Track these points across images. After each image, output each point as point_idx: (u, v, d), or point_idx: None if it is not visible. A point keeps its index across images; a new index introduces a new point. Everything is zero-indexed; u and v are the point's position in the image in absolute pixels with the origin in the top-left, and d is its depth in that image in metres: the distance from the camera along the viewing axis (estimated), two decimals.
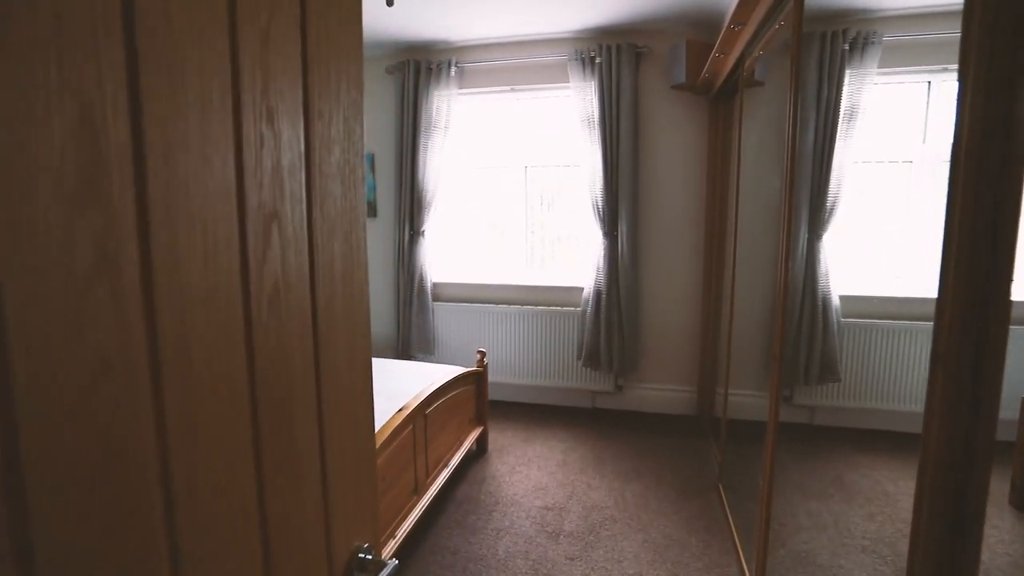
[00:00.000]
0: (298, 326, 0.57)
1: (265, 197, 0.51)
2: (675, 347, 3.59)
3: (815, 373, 3.01)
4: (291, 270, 0.55)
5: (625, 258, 3.42)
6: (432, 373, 2.75)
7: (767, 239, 3.11)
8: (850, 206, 3.19)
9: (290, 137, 0.54)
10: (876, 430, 3.05)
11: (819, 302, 2.99)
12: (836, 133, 2.92)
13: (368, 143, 3.95)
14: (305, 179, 0.57)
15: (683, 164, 3.46)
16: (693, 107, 3.40)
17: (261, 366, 0.51)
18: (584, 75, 3.40)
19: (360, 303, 0.68)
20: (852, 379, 3.07)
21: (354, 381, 0.68)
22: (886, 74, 2.96)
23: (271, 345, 0.53)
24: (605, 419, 3.57)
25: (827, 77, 2.88)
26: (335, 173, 0.62)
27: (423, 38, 3.53)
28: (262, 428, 0.52)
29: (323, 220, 0.60)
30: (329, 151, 0.61)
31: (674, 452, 3.06)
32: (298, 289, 0.56)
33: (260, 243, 0.51)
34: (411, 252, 3.79)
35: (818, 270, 2.99)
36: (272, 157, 0.52)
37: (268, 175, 0.51)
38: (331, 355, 0.62)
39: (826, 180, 2.94)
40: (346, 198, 0.64)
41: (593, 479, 2.78)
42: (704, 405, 3.48)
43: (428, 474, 2.32)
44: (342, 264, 0.64)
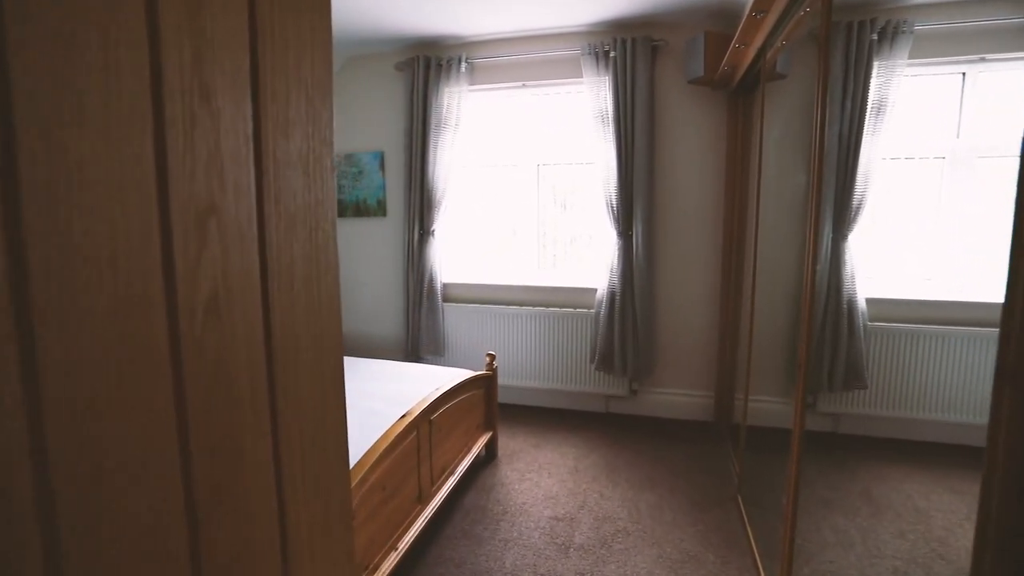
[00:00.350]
0: (245, 340, 0.48)
1: (199, 188, 0.43)
2: (691, 350, 3.47)
3: (840, 379, 2.87)
4: (235, 273, 0.47)
5: (640, 258, 3.31)
6: (439, 376, 2.67)
7: (789, 239, 2.98)
8: (877, 204, 3.04)
9: (233, 118, 0.46)
10: (905, 440, 2.91)
11: (844, 305, 2.85)
12: (863, 128, 2.78)
13: (377, 141, 3.89)
14: (254, 168, 0.49)
15: (700, 161, 3.34)
16: (711, 102, 3.28)
17: (194, 389, 0.43)
18: (598, 70, 3.30)
19: (329, 312, 0.60)
20: (879, 386, 2.92)
21: (320, 403, 0.60)
22: (917, 65, 2.81)
23: (208, 362, 0.45)
24: (618, 424, 3.46)
25: (853, 69, 2.75)
26: (295, 162, 0.54)
27: (432, 33, 3.46)
28: (196, 467, 0.43)
29: (279, 215, 0.52)
30: (287, 136, 0.52)
31: (690, 460, 2.95)
32: (245, 296, 0.48)
33: (192, 242, 0.43)
34: (421, 252, 3.73)
35: (843, 271, 2.85)
36: (208, 141, 0.44)
37: (203, 162, 0.43)
38: (290, 373, 0.54)
39: (852, 177, 2.81)
40: (310, 191, 0.56)
41: (605, 488, 2.68)
42: (721, 411, 3.35)
43: (433, 482, 2.24)
44: (305, 267, 0.56)
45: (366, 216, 3.99)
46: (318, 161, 0.57)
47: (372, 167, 3.91)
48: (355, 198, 3.99)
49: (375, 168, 3.91)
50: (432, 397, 2.27)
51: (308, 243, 0.56)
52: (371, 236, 4.02)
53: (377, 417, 2.13)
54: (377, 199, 3.94)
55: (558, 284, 3.69)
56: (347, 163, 3.97)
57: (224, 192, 0.45)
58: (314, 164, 0.56)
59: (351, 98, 3.93)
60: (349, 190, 4.00)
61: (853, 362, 2.85)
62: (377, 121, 3.88)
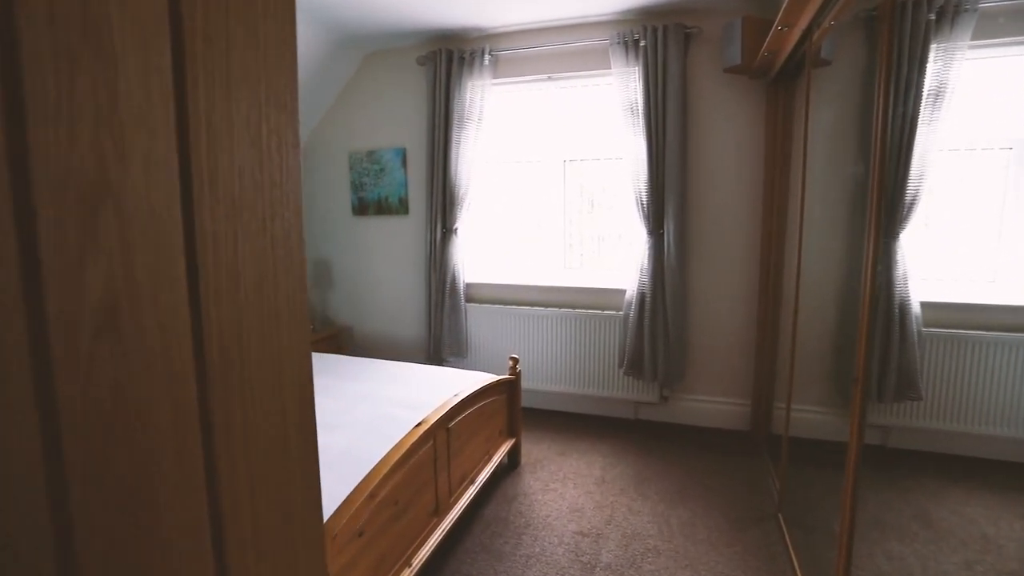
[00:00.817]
0: (164, 366, 0.37)
1: (82, 160, 0.31)
2: (726, 355, 3.28)
3: (891, 389, 2.65)
4: (145, 276, 0.35)
5: (672, 258, 3.14)
6: (460, 381, 2.56)
7: (836, 236, 2.78)
8: (933, 200, 2.81)
9: (143, 65, 0.34)
10: (964, 457, 2.67)
11: (895, 309, 2.63)
12: (918, 117, 2.55)
13: (399, 137, 3.81)
14: (177, 136, 0.37)
15: (737, 155, 3.15)
16: (749, 92, 3.09)
17: (77, 437, 0.32)
18: (627, 60, 3.14)
19: (292, 325, 0.48)
20: (935, 397, 2.69)
21: (280, 446, 0.47)
22: (981, 47, 2.57)
23: (100, 399, 0.33)
24: (648, 432, 3.30)
25: (908, 53, 2.52)
26: (240, 130, 0.42)
27: (455, 25, 3.35)
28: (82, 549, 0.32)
29: (216, 200, 0.40)
30: (228, 96, 0.40)
31: (725, 473, 2.77)
32: (162, 307, 0.36)
33: (72, 233, 0.31)
34: (443, 251, 3.63)
35: (895, 273, 2.63)
36: (98, 94, 0.32)
37: (88, 123, 0.31)
38: (235, 408, 0.42)
39: (905, 171, 2.58)
40: (263, 169, 0.44)
41: (635, 501, 2.52)
42: (759, 420, 3.15)
43: (451, 493, 2.12)
44: (257, 267, 0.44)
45: (388, 214, 3.91)
46: (275, 132, 0.45)
47: (394, 164, 3.83)
48: (377, 196, 3.91)
49: (397, 165, 3.83)
50: (451, 403, 2.15)
51: (261, 236, 0.44)
52: (393, 235, 3.94)
53: (394, 423, 2.03)
54: (399, 197, 3.85)
55: (585, 285, 3.54)
56: (369, 160, 3.90)
57: (125, 166, 0.34)
58: (269, 136, 0.44)
59: (372, 94, 3.85)
60: (371, 188, 3.92)
61: (906, 371, 2.63)
62: (399, 117, 3.80)
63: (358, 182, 3.96)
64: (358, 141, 3.94)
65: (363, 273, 4.08)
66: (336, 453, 1.81)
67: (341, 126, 3.98)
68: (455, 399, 2.20)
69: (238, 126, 0.41)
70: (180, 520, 0.38)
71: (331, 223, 4.12)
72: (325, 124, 4.04)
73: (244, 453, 0.43)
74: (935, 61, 2.49)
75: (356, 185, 3.96)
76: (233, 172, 0.41)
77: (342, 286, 4.16)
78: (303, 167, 4.12)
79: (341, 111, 3.97)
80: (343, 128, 3.98)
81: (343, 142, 3.99)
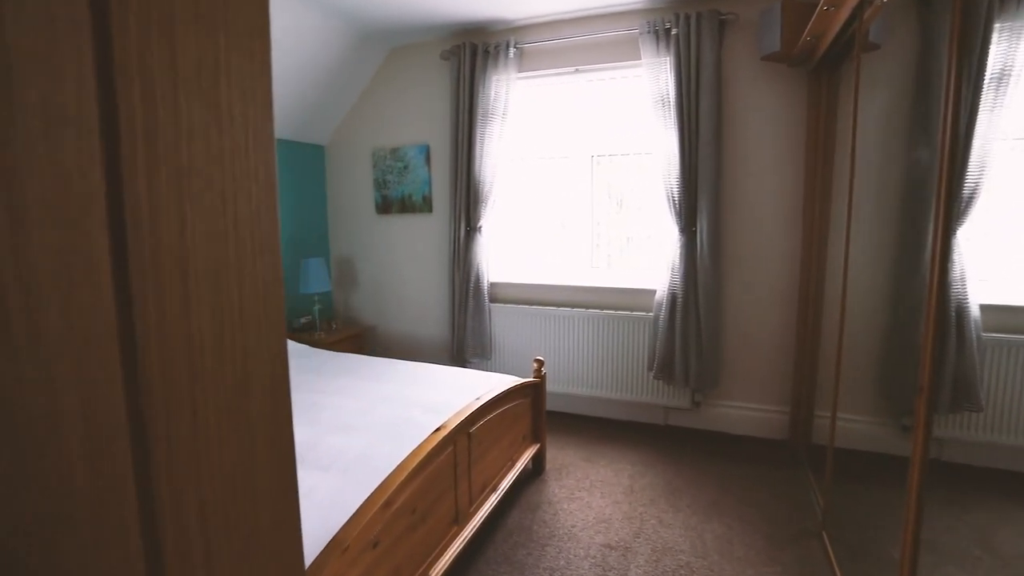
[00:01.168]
0: (72, 377, 0.28)
1: None
2: (763, 360, 3.11)
3: (946, 399, 2.45)
4: (46, 262, 0.27)
5: (705, 257, 2.99)
6: (482, 383, 2.47)
7: (886, 233, 2.60)
8: (996, 193, 2.60)
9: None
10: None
11: (952, 312, 2.43)
12: (979, 104, 2.36)
13: (423, 134, 3.75)
14: (98, 81, 0.28)
15: (775, 148, 2.99)
16: (788, 81, 2.92)
17: None
18: (658, 50, 3.01)
19: (266, 329, 0.39)
20: (997, 408, 2.48)
21: (248, 492, 0.38)
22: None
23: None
24: (679, 439, 3.15)
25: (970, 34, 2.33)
26: (191, 82, 0.33)
27: (479, 18, 3.27)
28: None
29: (153, 166, 0.31)
30: (172, 38, 0.32)
31: (762, 485, 2.61)
32: (75, 301, 0.28)
33: None
34: (467, 249, 3.55)
35: (951, 273, 2.43)
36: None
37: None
38: (184, 437, 0.33)
39: (964, 162, 2.39)
40: (224, 133, 0.35)
41: (665, 513, 2.39)
42: (798, 429, 2.98)
43: (472, 501, 2.03)
44: (212, 251, 0.35)
45: (411, 212, 3.86)
46: (240, 87, 0.36)
47: (418, 161, 3.77)
48: (400, 194, 3.86)
49: (421, 162, 3.77)
50: (472, 407, 2.07)
51: (219, 215, 0.35)
52: (416, 233, 3.88)
53: (413, 426, 1.95)
54: (423, 194, 3.79)
55: (613, 285, 3.41)
56: (392, 157, 3.85)
57: (12, 113, 0.25)
58: (231, 90, 0.36)
59: (396, 90, 3.80)
60: (395, 185, 3.87)
61: (964, 379, 2.43)
62: (422, 113, 3.74)
63: (381, 180, 3.91)
64: (382, 138, 3.89)
65: (387, 272, 4.03)
66: (352, 457, 1.74)
67: (365, 123, 3.95)
68: (477, 403, 2.11)
69: (185, 74, 0.33)
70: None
71: (355, 222, 4.09)
72: (348, 122, 4.01)
73: (199, 508, 0.34)
74: (999, 42, 2.30)
75: (379, 183, 3.92)
76: (179, 132, 0.32)
77: (366, 285, 4.12)
78: (327, 166, 4.11)
79: (365, 108, 3.93)
80: (367, 125, 3.94)
81: (367, 140, 3.95)
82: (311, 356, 2.96)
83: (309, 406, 2.21)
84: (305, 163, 3.98)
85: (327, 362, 2.84)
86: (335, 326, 3.88)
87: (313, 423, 2.02)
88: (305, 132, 3.88)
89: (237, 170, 0.36)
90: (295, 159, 3.89)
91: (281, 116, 3.57)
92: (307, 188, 4.01)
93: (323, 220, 4.17)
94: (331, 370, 2.70)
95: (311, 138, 3.98)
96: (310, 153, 4.03)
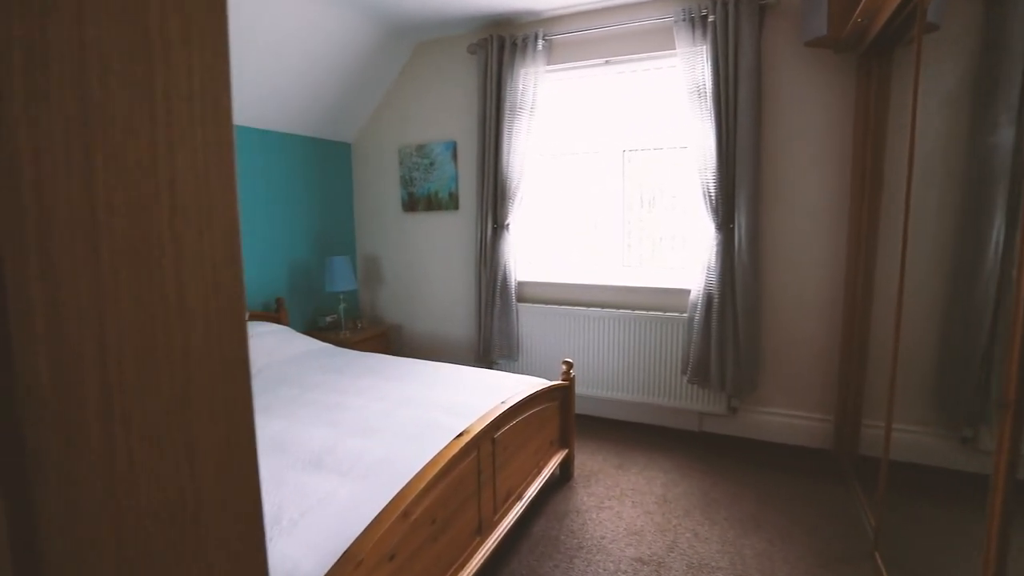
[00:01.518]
0: None
1: None
2: (805, 364, 2.94)
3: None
4: None
5: (743, 255, 2.84)
6: (508, 385, 2.38)
7: (942, 231, 2.41)
8: None
9: None
10: None
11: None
12: None
13: (449, 130, 3.68)
14: None
15: (819, 139, 2.81)
16: (834, 68, 2.74)
17: None
18: (694, 38, 2.86)
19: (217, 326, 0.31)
20: None
21: (198, 549, 0.30)
22: None
23: None
24: (715, 447, 3.00)
25: None
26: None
27: (507, 9, 3.18)
28: None
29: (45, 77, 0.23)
30: None
31: (806, 498, 2.45)
32: None
33: None
34: (494, 248, 3.46)
35: None
36: None
37: None
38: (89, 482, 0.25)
39: None
40: (154, 52, 0.27)
41: (701, 526, 2.26)
42: (843, 439, 2.79)
43: (496, 510, 1.94)
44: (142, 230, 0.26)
45: (438, 210, 3.80)
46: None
47: (444, 158, 3.71)
48: (427, 191, 3.80)
49: (447, 159, 3.70)
50: (497, 411, 1.98)
51: (147, 173, 0.27)
52: (443, 231, 3.82)
53: (436, 430, 1.88)
54: (449, 192, 3.73)
55: (645, 284, 3.28)
56: (418, 154, 3.79)
57: None
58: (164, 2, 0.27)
59: (422, 86, 3.75)
60: (421, 183, 3.82)
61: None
62: (449, 109, 3.67)
63: (408, 177, 3.86)
64: (408, 135, 3.85)
65: (413, 271, 3.98)
66: (371, 462, 1.67)
67: (391, 120, 3.91)
68: (502, 407, 2.02)
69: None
70: None
71: (381, 220, 4.06)
72: (375, 119, 3.97)
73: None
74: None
75: (406, 180, 3.87)
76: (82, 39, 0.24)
77: (392, 284, 4.08)
78: (353, 164, 4.08)
79: (391, 105, 3.89)
80: (393, 122, 3.90)
81: (393, 137, 3.91)
82: (336, 355, 2.92)
83: (331, 407, 2.16)
84: (332, 161, 3.97)
85: (351, 362, 2.79)
86: (360, 325, 3.85)
87: (334, 424, 1.97)
88: (332, 130, 3.86)
89: (176, 109, 0.28)
90: (322, 157, 3.87)
91: (307, 114, 3.56)
92: (333, 186, 3.99)
93: (349, 218, 4.15)
94: (355, 370, 2.65)
95: (338, 136, 3.96)
96: (337, 151, 4.01)
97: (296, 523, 1.36)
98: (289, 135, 3.60)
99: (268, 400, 2.25)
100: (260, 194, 3.41)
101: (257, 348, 2.84)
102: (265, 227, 3.45)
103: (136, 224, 0.26)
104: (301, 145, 3.69)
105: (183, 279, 0.29)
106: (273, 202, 3.50)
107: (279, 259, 3.57)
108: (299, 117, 3.53)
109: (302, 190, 3.71)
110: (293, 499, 1.46)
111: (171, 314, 0.28)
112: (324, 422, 1.99)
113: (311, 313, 3.84)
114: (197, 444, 0.29)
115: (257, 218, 3.38)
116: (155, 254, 0.27)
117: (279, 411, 2.13)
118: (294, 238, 3.67)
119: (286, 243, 3.61)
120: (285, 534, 1.33)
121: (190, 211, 0.29)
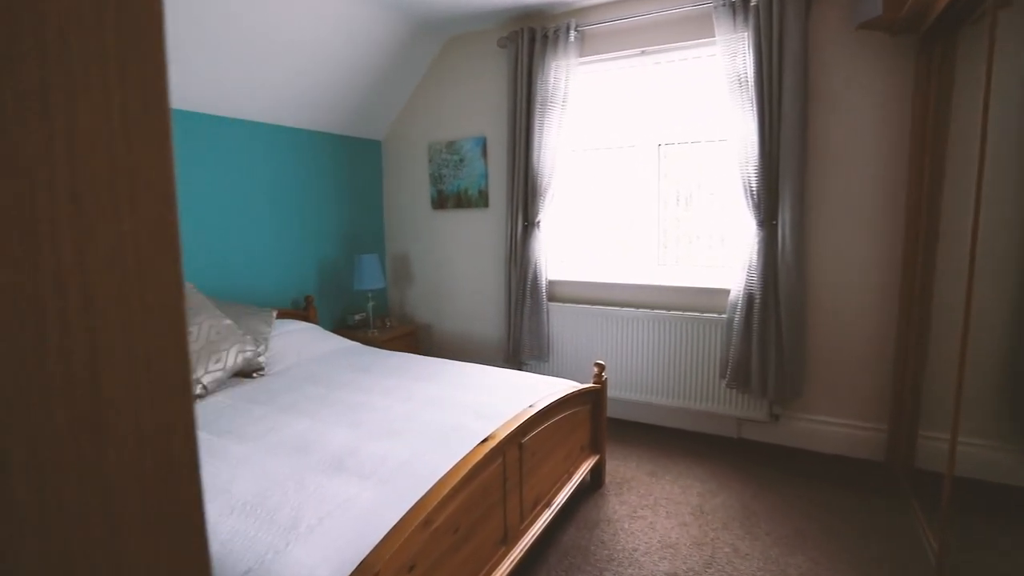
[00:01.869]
0: None
1: None
2: (854, 370, 2.75)
3: None
4: None
5: (787, 254, 2.68)
6: (538, 388, 2.29)
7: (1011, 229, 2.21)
8: None
9: None
10: None
11: None
12: None
13: (479, 126, 3.62)
14: None
15: (871, 130, 2.62)
16: (889, 52, 2.56)
17: None
18: (735, 24, 2.72)
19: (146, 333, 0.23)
20: None
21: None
22: None
23: None
24: (755, 455, 2.85)
25: None
26: None
27: (538, 0, 3.09)
28: None
29: None
30: None
31: (855, 513, 2.28)
32: None
33: None
34: (524, 246, 3.38)
35: None
36: None
37: None
38: None
39: None
40: None
41: (741, 540, 2.13)
42: (898, 451, 2.60)
43: (523, 519, 1.86)
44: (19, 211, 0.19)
45: (467, 207, 3.74)
46: None
47: (474, 154, 3.65)
48: (456, 188, 3.75)
49: (477, 155, 3.64)
50: (525, 415, 1.90)
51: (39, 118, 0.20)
52: (472, 229, 3.76)
53: (462, 434, 1.81)
54: (479, 189, 3.67)
55: (681, 284, 3.14)
56: (448, 151, 3.74)
57: None
58: None
59: (452, 82, 3.70)
60: (450, 180, 3.77)
61: None
62: (479, 104, 3.61)
63: (437, 174, 3.82)
64: (438, 132, 3.80)
65: (442, 269, 3.94)
66: (394, 466, 1.61)
67: (420, 117, 3.87)
68: (531, 411, 1.94)
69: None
70: None
71: (410, 217, 4.03)
72: (405, 116, 3.94)
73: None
74: None
75: (435, 178, 3.83)
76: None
77: (420, 282, 4.05)
78: (383, 161, 4.06)
79: (421, 101, 3.86)
80: (422, 119, 3.86)
81: (422, 133, 3.87)
82: (362, 354, 2.90)
83: (356, 406, 2.12)
84: (362, 159, 3.96)
85: (377, 361, 2.76)
86: (389, 324, 3.83)
87: (356, 425, 1.92)
88: (362, 127, 3.85)
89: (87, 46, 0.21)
90: (352, 155, 3.86)
91: (337, 112, 3.55)
92: (363, 184, 3.98)
93: (379, 216, 4.14)
94: (381, 369, 2.61)
95: (368, 133, 3.95)
96: (367, 148, 4.00)
97: (313, 529, 1.31)
98: (319, 133, 3.60)
99: (294, 398, 2.23)
100: (291, 192, 3.42)
101: (285, 346, 2.83)
102: (296, 225, 3.46)
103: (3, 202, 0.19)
104: (331, 143, 3.69)
105: (88, 267, 0.22)
106: (304, 200, 3.51)
107: (309, 257, 3.58)
108: (329, 115, 3.52)
109: (332, 188, 3.71)
110: (312, 503, 1.42)
111: (71, 316, 0.21)
112: (348, 422, 1.95)
113: (340, 311, 3.84)
114: (108, 484, 0.22)
115: (288, 216, 3.39)
116: (39, 239, 0.20)
117: (304, 409, 2.10)
118: (324, 236, 3.67)
119: (316, 241, 3.62)
120: (302, 540, 1.28)
121: (101, 186, 0.22)
